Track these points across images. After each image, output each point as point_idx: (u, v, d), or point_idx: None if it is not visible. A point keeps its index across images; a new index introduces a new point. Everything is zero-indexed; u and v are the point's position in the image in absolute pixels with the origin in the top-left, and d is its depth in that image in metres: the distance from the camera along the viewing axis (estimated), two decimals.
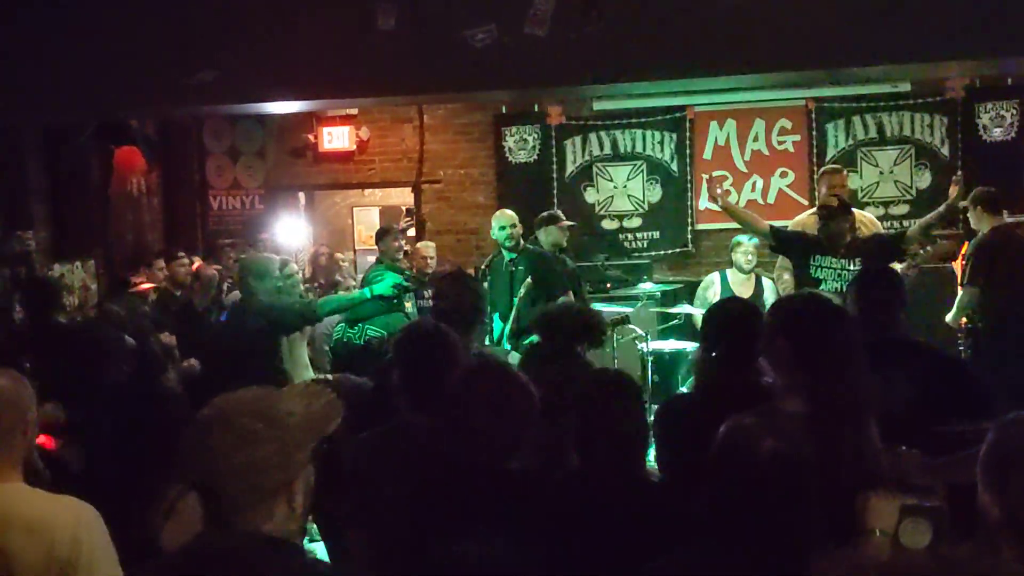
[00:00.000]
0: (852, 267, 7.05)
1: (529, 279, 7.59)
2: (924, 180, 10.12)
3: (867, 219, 7.81)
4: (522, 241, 7.92)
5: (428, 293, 8.97)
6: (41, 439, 3.51)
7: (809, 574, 2.67)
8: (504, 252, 7.88)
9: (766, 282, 8.67)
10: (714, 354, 4.06)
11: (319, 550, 4.80)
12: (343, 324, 7.96)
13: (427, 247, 9.39)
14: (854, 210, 7.81)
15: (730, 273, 8.72)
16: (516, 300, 7.61)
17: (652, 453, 3.61)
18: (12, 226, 7.51)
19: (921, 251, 7.43)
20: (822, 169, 8.17)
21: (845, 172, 8.01)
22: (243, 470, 1.96)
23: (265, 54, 6.07)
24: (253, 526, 1.99)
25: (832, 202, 7.22)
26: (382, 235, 8.50)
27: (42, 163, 8.51)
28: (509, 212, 7.97)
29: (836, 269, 7.10)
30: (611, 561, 3.04)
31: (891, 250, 7.10)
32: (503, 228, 7.81)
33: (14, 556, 2.70)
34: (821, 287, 6.97)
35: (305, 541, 5.32)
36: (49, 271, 8.28)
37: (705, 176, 8.34)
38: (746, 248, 8.57)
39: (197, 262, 8.60)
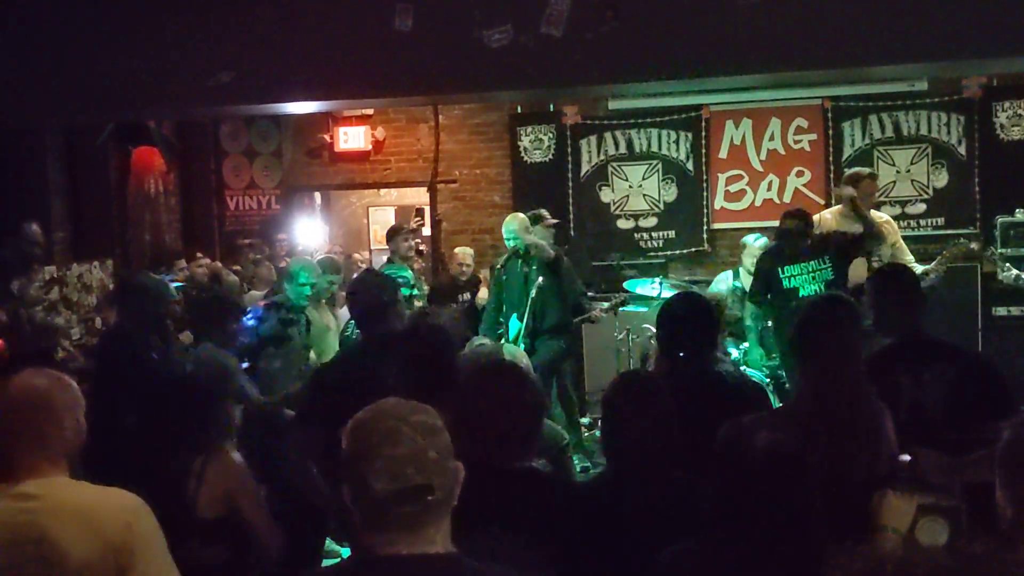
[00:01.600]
0: (823, 265, 7.09)
1: (541, 279, 7.62)
2: (941, 179, 10.08)
3: (883, 219, 7.81)
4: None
5: (464, 296, 9.10)
6: None
7: (822, 566, 2.68)
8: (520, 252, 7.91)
9: None
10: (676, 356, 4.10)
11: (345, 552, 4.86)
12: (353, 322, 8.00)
13: (464, 253, 9.47)
14: (871, 211, 7.84)
15: (742, 272, 8.72)
16: (530, 299, 7.64)
17: None
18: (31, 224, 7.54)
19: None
20: (852, 171, 8.12)
21: (877, 177, 8.03)
22: (441, 460, 2.04)
23: (283, 55, 6.09)
24: (440, 526, 2.06)
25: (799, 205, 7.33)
26: (393, 234, 8.52)
27: (61, 163, 8.56)
28: (521, 216, 8.00)
29: (807, 273, 7.13)
30: (625, 558, 3.05)
31: (856, 244, 7.13)
32: (515, 234, 7.83)
33: (67, 547, 2.73)
34: (801, 295, 7.02)
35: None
36: (67, 270, 8.33)
37: None
38: (752, 250, 8.57)
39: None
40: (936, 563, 1.47)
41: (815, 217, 7.99)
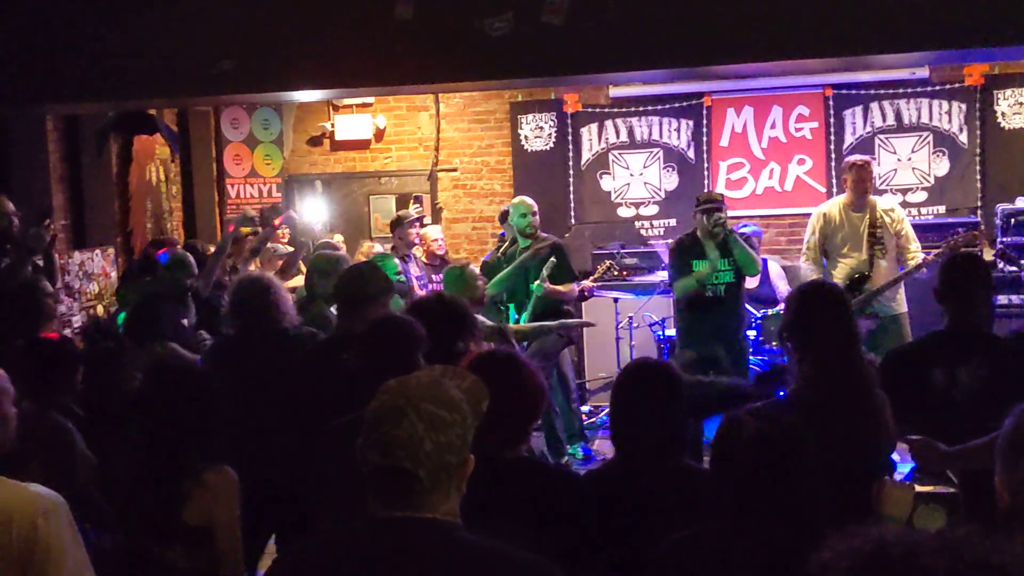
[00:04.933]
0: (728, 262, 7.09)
1: (545, 271, 7.62)
2: (942, 167, 10.08)
3: (887, 206, 7.81)
4: (538, 229, 7.95)
5: (437, 277, 9.05)
6: None
7: (812, 560, 2.70)
8: (520, 240, 7.90)
9: (771, 265, 8.72)
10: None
11: None
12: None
13: (434, 230, 9.42)
14: (876, 198, 7.86)
15: None
16: (533, 288, 7.64)
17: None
18: (32, 213, 7.52)
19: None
20: (849, 159, 8.13)
21: (872, 163, 8.00)
22: (436, 454, 2.05)
23: (285, 43, 6.10)
24: (434, 507, 2.08)
25: (717, 197, 7.29)
26: (397, 224, 8.51)
27: (62, 151, 8.56)
28: (529, 200, 7.97)
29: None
30: (631, 548, 3.06)
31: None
32: (524, 216, 7.82)
33: None
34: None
35: None
36: (69, 258, 8.34)
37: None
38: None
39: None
40: (929, 544, 1.47)
41: (818, 209, 8.00)
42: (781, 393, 4.70)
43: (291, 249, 8.71)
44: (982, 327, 4.39)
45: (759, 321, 8.22)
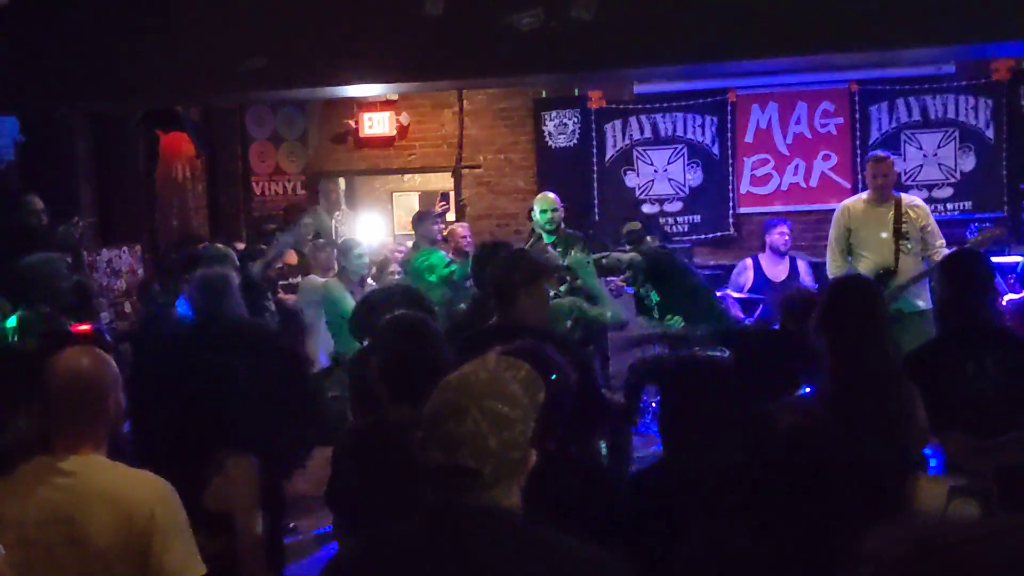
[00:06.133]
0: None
1: (579, 255, 7.57)
2: (968, 163, 10.03)
3: (913, 203, 7.78)
4: (562, 225, 7.93)
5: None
6: None
7: (857, 549, 2.69)
8: (544, 236, 7.90)
9: (801, 264, 8.66)
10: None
11: None
12: None
13: (462, 226, 9.44)
14: (901, 194, 7.82)
15: (763, 258, 8.71)
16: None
17: None
18: (60, 211, 7.59)
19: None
20: (869, 155, 8.11)
21: (891, 159, 7.95)
22: (499, 451, 2.06)
23: (315, 40, 6.11)
24: (496, 502, 2.09)
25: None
26: (420, 219, 8.52)
27: (90, 149, 8.62)
28: (551, 195, 7.96)
29: None
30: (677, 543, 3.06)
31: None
32: (544, 212, 7.82)
33: (93, 529, 2.79)
34: None
35: None
36: (97, 255, 8.40)
37: None
38: (782, 228, 8.56)
39: None
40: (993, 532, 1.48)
41: (842, 205, 7.97)
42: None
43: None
44: (996, 321, 4.40)
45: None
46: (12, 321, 5.65)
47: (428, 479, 2.10)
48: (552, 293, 5.90)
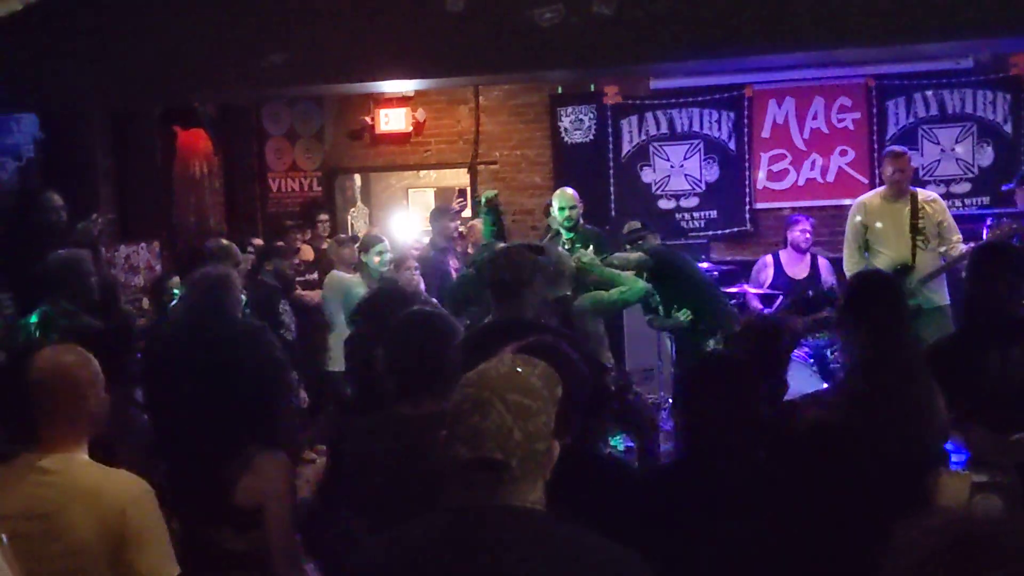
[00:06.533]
0: None
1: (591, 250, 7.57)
2: (986, 158, 10.00)
3: (929, 198, 7.76)
4: (581, 221, 7.93)
5: None
6: None
7: (884, 545, 2.69)
8: (563, 232, 7.89)
9: (822, 261, 8.62)
10: None
11: None
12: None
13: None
14: (917, 190, 7.80)
15: (783, 254, 8.68)
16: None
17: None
18: (79, 208, 7.64)
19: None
20: (886, 150, 8.10)
21: (908, 154, 7.93)
22: (525, 443, 2.07)
23: (335, 36, 6.12)
24: (523, 497, 2.10)
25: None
26: (436, 216, 8.52)
27: (108, 146, 8.64)
28: (570, 191, 7.96)
29: None
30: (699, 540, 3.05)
31: None
32: (563, 208, 7.81)
33: (71, 526, 2.82)
34: None
35: None
36: (115, 252, 8.44)
37: None
38: (804, 226, 8.53)
39: None
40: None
41: (858, 200, 7.95)
42: None
43: None
44: (1017, 313, 4.38)
45: None
46: (35, 317, 5.68)
47: (454, 476, 2.10)
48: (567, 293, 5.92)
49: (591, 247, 7.57)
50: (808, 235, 8.55)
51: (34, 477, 2.87)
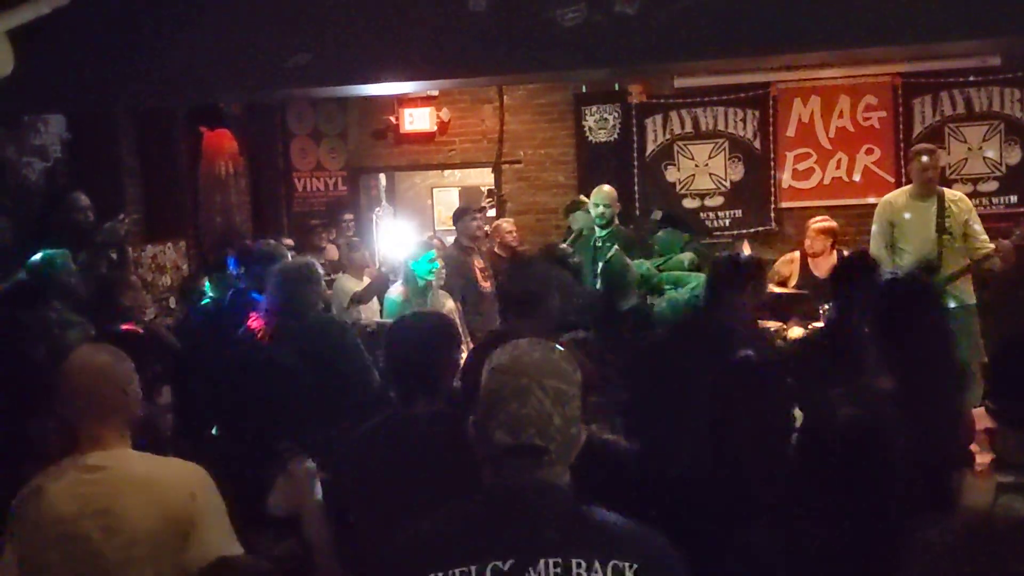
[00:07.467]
0: None
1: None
2: (1014, 156, 9.92)
3: (955, 197, 7.71)
4: (616, 221, 7.93)
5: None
6: None
7: (909, 543, 2.69)
8: (597, 229, 7.89)
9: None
10: None
11: None
12: None
13: (507, 222, 9.44)
14: (944, 189, 7.75)
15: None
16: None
17: None
18: (106, 208, 7.71)
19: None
20: (914, 148, 8.05)
21: (936, 153, 7.88)
22: (564, 427, 2.08)
23: (360, 36, 6.14)
24: (559, 478, 2.11)
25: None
26: (459, 215, 8.51)
27: (135, 146, 8.70)
28: (607, 188, 7.94)
29: None
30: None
31: None
32: (596, 204, 7.81)
33: (131, 518, 2.84)
34: None
35: None
36: (142, 251, 8.50)
37: None
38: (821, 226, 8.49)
39: None
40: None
41: (884, 199, 7.91)
42: None
43: None
44: None
45: None
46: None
47: (491, 462, 2.10)
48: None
49: (617, 247, 7.59)
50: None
51: (85, 476, 2.89)
